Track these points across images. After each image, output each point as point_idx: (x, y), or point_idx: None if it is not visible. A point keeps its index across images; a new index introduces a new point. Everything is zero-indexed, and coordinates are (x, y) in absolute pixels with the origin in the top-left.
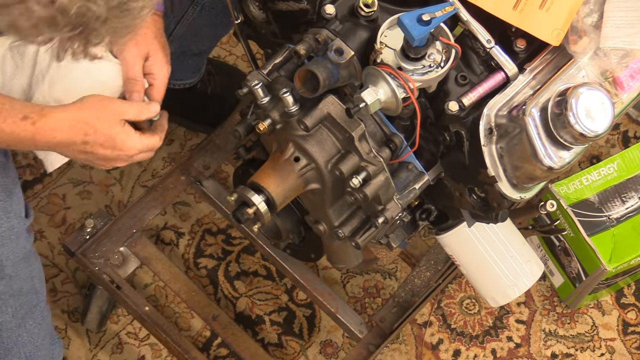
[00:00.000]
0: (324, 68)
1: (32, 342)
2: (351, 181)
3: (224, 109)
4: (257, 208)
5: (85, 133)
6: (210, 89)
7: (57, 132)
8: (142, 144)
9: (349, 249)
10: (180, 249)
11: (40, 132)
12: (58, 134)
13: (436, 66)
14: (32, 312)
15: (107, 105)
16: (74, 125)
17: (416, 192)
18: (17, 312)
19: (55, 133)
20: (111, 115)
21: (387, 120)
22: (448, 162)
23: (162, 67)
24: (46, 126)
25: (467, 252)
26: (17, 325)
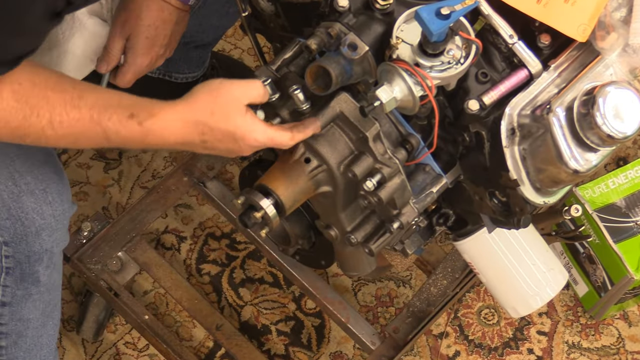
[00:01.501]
0: (336, 64)
1: (48, 346)
2: (365, 184)
3: None
4: (265, 212)
5: (201, 132)
6: None
7: (168, 134)
8: (266, 137)
9: (362, 255)
10: (182, 254)
11: (149, 133)
12: (170, 136)
13: (455, 62)
14: (53, 312)
15: (221, 95)
16: (186, 127)
17: (433, 195)
18: (45, 309)
19: (167, 135)
20: (227, 107)
21: (403, 120)
22: (467, 164)
23: (136, 55)
24: (155, 126)
25: (487, 259)
26: (42, 325)
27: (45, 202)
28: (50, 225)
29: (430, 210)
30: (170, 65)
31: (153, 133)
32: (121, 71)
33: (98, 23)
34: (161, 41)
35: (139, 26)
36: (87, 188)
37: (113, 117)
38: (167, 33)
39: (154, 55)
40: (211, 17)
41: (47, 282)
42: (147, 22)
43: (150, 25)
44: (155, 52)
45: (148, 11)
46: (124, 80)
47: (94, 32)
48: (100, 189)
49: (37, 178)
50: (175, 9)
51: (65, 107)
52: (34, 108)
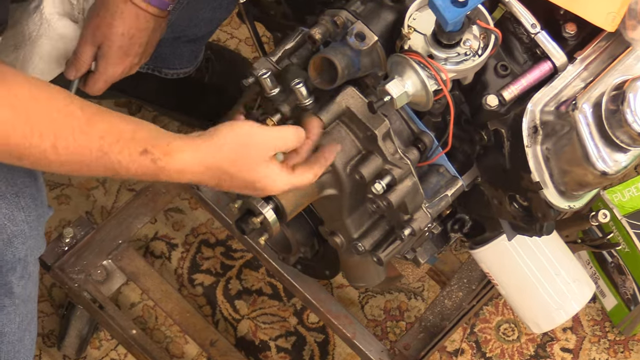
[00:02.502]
0: (342, 55)
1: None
2: (373, 186)
3: (223, 100)
4: (265, 217)
5: (219, 178)
6: (208, 77)
7: (184, 175)
8: (289, 185)
9: (370, 264)
10: (173, 263)
11: (163, 172)
12: (185, 176)
13: (473, 54)
14: (30, 325)
15: (249, 145)
16: (205, 171)
17: (448, 199)
18: (22, 322)
19: (183, 176)
20: (253, 158)
21: (415, 117)
22: (485, 165)
23: (107, 65)
24: (170, 166)
25: (507, 270)
26: (19, 339)
27: (17, 207)
28: (24, 232)
29: (445, 216)
30: (160, 61)
31: (167, 172)
32: (92, 79)
33: (68, 25)
34: (136, 50)
35: (112, 34)
36: (68, 190)
37: (124, 151)
38: (142, 42)
39: (128, 64)
40: (203, 9)
41: (22, 293)
42: (120, 31)
43: (124, 34)
44: (129, 61)
45: (122, 19)
46: (94, 89)
47: (63, 34)
48: (84, 191)
49: (8, 181)
50: (152, 16)
51: (72, 133)
52: (35, 127)
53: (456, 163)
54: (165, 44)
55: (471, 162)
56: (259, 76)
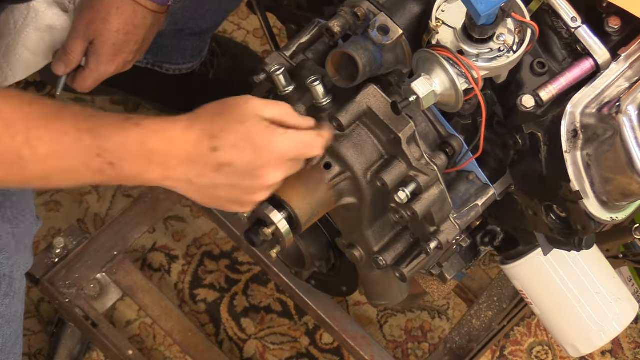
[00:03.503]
0: (364, 50)
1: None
2: (396, 195)
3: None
4: (277, 227)
5: (211, 135)
6: (213, 72)
7: (171, 134)
8: (294, 140)
9: (392, 280)
10: (173, 277)
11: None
12: (174, 144)
13: (507, 50)
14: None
15: (233, 101)
16: (190, 127)
17: (479, 209)
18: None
19: (170, 134)
20: (240, 110)
21: (443, 119)
22: (520, 172)
23: (99, 62)
24: (155, 126)
25: (542, 287)
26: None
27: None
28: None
29: (474, 227)
30: (160, 55)
31: (154, 133)
32: (81, 75)
33: (58, 15)
34: (131, 47)
35: (106, 31)
36: (59, 196)
37: (105, 121)
38: (138, 39)
39: (121, 62)
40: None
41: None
42: (115, 27)
43: (119, 30)
44: (123, 58)
45: (118, 15)
46: (83, 86)
47: (52, 24)
48: (76, 197)
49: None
50: (150, 12)
51: (44, 119)
52: (8, 125)
53: (487, 170)
54: (167, 37)
55: (504, 168)
56: (271, 72)
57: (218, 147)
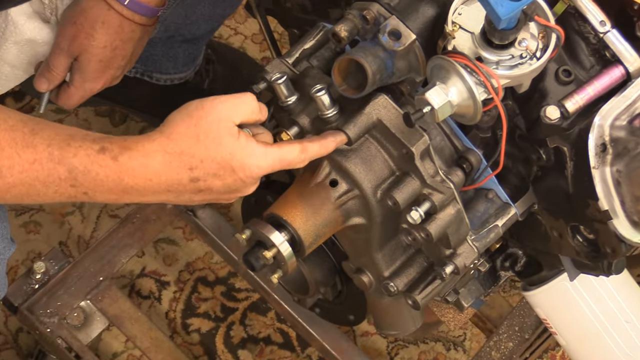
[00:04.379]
0: (373, 57)
1: None
2: (409, 215)
3: None
4: (278, 250)
5: (189, 166)
6: (208, 82)
7: (151, 173)
8: (271, 160)
9: (404, 309)
10: (164, 305)
11: (127, 172)
12: (153, 175)
13: (530, 57)
14: None
15: (203, 117)
16: (170, 160)
17: (499, 231)
18: None
19: (149, 172)
20: (214, 130)
21: (460, 131)
22: (544, 189)
23: (85, 80)
24: (134, 162)
25: (567, 315)
26: None
27: None
28: None
29: (494, 251)
30: (151, 64)
31: (132, 171)
32: (66, 92)
33: (38, 28)
34: (118, 62)
35: (91, 47)
36: (39, 217)
37: (80, 152)
38: (126, 53)
39: (108, 77)
40: (201, 3)
41: None
42: (101, 43)
43: (105, 46)
44: (110, 74)
45: (103, 29)
46: (68, 103)
47: (32, 38)
48: (57, 217)
49: None
50: (138, 25)
51: (15, 148)
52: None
53: (508, 187)
54: (157, 45)
55: (526, 186)
56: (272, 81)
57: (198, 177)
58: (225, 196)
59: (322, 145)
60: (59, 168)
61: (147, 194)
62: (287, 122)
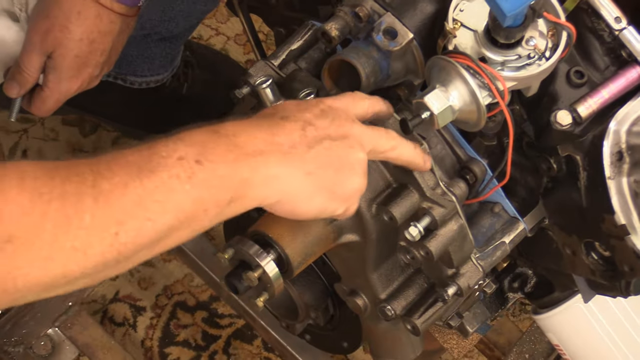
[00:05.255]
0: (367, 58)
1: None
2: (407, 231)
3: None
4: (264, 271)
5: (301, 109)
6: (187, 86)
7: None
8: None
9: (402, 334)
10: (140, 333)
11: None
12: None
13: (538, 57)
14: None
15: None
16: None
17: (506, 248)
18: None
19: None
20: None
21: (462, 139)
22: (555, 202)
23: (60, 79)
24: (246, 138)
25: (582, 341)
26: None
27: None
28: None
29: (501, 270)
30: (124, 65)
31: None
32: (39, 97)
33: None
34: (97, 59)
35: (67, 40)
36: None
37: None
38: (105, 48)
39: (86, 77)
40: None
41: None
42: (77, 36)
43: (82, 39)
44: (88, 73)
45: (80, 21)
46: (42, 109)
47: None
48: None
49: None
50: (118, 15)
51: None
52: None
53: (516, 200)
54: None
55: (536, 199)
56: (257, 85)
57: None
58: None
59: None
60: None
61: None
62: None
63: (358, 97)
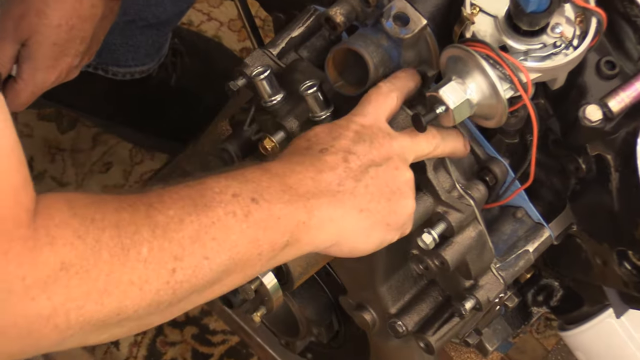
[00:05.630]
0: (375, 47)
1: None
2: (420, 238)
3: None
4: (261, 282)
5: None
6: (176, 77)
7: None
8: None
9: (415, 353)
10: (123, 351)
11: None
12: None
13: (565, 45)
14: None
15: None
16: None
17: (529, 257)
18: None
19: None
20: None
21: (481, 137)
22: (584, 207)
23: (36, 69)
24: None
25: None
26: None
27: None
28: None
29: (524, 282)
30: (106, 54)
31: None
32: (13, 89)
33: None
34: (76, 47)
35: (43, 26)
36: None
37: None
38: (85, 35)
39: (64, 67)
40: None
41: None
42: (55, 21)
43: (60, 25)
44: (67, 63)
45: (58, 4)
46: (16, 103)
47: None
48: None
49: None
50: None
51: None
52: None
53: (541, 204)
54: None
55: (563, 203)
56: (253, 77)
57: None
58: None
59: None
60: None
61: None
62: (271, 126)
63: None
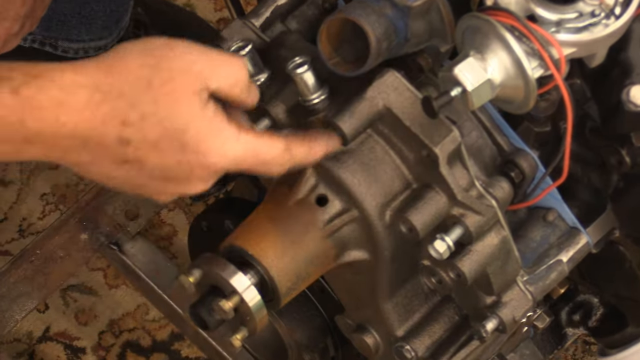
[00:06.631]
0: (377, 16)
1: None
2: (432, 246)
3: None
4: (242, 299)
5: (123, 120)
6: None
7: (65, 112)
8: (244, 149)
9: None
10: None
11: (31, 109)
12: (68, 116)
13: (605, 14)
14: None
15: (168, 60)
16: (97, 102)
17: (563, 268)
18: None
19: (63, 113)
20: (177, 82)
21: (505, 124)
22: (628, 208)
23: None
24: (42, 96)
25: None
26: None
27: None
28: None
29: (557, 298)
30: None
31: (38, 109)
32: None
33: None
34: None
35: None
36: None
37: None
38: None
39: (2, 33)
40: None
41: None
42: None
43: None
44: (5, 28)
45: None
46: None
47: None
48: None
49: None
50: None
51: None
52: None
53: (577, 205)
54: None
55: (603, 203)
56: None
57: (129, 139)
58: (157, 185)
59: (311, 149)
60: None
61: (55, 148)
62: (253, 112)
63: None
